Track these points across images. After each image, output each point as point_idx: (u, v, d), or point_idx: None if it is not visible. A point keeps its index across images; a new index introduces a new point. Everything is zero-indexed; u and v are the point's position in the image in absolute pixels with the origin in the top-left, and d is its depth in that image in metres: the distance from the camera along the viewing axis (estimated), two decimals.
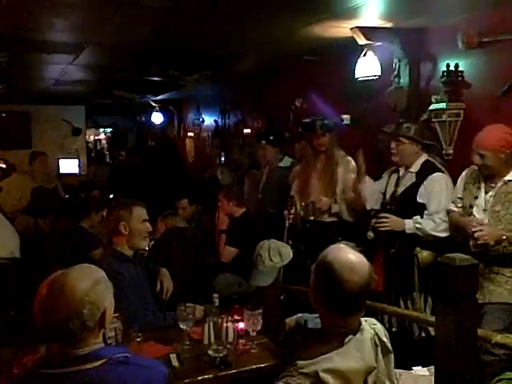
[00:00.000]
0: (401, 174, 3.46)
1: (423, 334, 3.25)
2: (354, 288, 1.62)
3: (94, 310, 1.51)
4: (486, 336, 2.36)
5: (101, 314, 1.54)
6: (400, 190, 3.40)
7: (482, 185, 3.01)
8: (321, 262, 1.70)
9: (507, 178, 2.91)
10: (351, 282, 1.62)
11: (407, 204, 3.32)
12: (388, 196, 3.47)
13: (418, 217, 3.25)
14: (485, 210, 2.95)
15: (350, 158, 3.93)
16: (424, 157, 3.38)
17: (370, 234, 3.40)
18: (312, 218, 3.87)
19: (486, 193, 2.97)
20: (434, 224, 3.21)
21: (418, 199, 3.28)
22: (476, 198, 3.01)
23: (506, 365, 2.64)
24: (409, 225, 3.25)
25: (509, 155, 2.88)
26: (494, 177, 2.95)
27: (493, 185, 2.96)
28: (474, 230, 2.83)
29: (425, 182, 3.27)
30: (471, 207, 3.03)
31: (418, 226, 3.23)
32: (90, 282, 1.53)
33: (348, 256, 1.68)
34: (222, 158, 7.87)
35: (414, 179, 3.34)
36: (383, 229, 3.30)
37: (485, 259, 2.82)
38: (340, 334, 1.66)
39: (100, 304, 1.54)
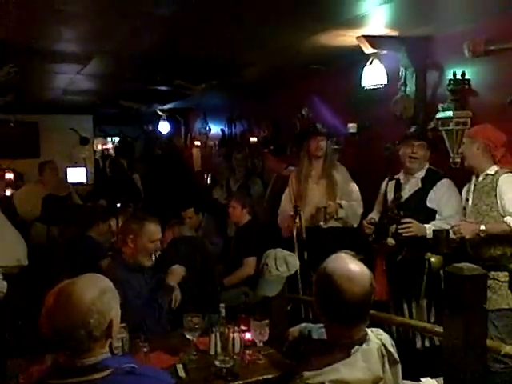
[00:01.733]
0: (402, 180, 3.47)
1: (427, 344, 3.23)
2: (354, 298, 1.61)
3: (100, 320, 1.50)
4: (495, 347, 2.34)
5: (108, 323, 1.53)
6: (404, 195, 3.41)
7: (471, 187, 3.08)
8: (321, 273, 1.69)
9: (486, 172, 2.97)
10: (351, 292, 1.60)
11: (414, 209, 3.32)
12: (389, 203, 3.46)
13: (436, 222, 3.25)
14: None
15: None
16: (427, 164, 3.43)
17: (391, 241, 3.32)
18: (322, 224, 3.85)
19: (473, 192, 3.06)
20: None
21: (428, 204, 3.29)
22: (467, 200, 3.10)
23: None
24: (429, 229, 3.24)
25: (484, 148, 2.95)
26: (478, 175, 3.02)
27: (474, 183, 3.05)
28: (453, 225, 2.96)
29: (434, 188, 3.30)
30: (464, 209, 3.12)
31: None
32: (97, 292, 1.53)
33: (347, 266, 1.66)
34: (209, 180, 7.89)
35: (420, 185, 3.36)
36: (407, 234, 3.24)
37: (481, 264, 2.82)
38: (346, 344, 1.64)
39: (107, 313, 1.53)
